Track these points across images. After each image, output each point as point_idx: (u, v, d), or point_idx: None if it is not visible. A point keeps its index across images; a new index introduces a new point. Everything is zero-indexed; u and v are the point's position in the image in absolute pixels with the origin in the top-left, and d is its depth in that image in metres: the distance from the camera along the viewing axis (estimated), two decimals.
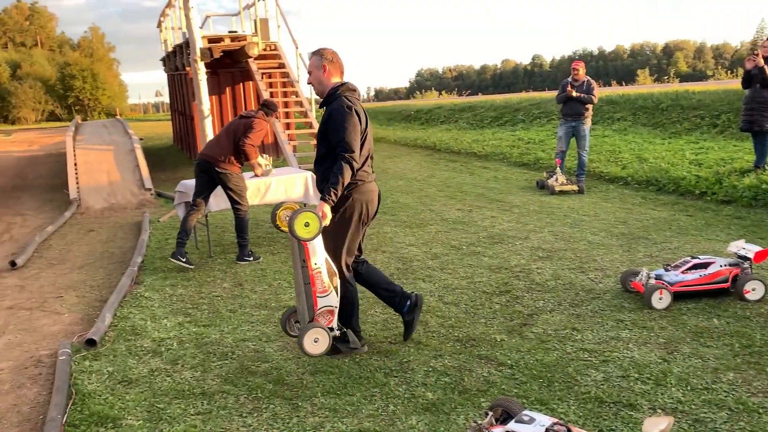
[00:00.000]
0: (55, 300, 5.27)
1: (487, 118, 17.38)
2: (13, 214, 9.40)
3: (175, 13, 14.71)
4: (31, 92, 58.47)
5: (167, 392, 3.43)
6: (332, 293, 3.65)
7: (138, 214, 8.96)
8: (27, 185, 12.19)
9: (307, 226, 3.47)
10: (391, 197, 9.09)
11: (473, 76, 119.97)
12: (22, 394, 3.52)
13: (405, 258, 5.89)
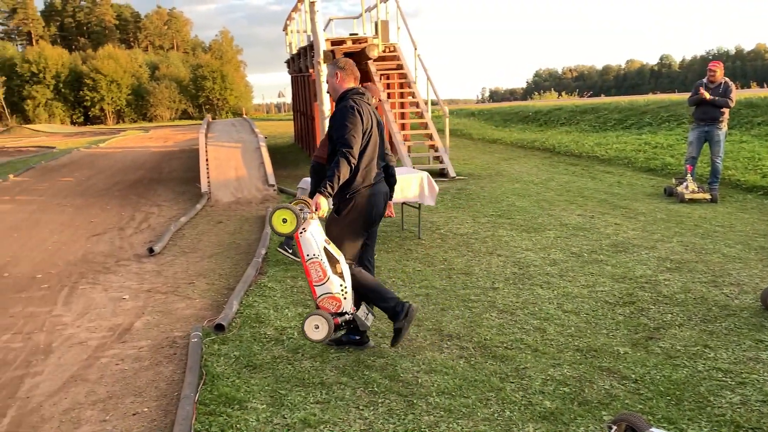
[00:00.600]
0: (187, 286, 5.65)
1: (610, 121, 16.64)
2: (151, 205, 10.17)
3: (300, 17, 15.30)
4: (167, 92, 63.09)
5: (288, 379, 3.57)
6: (330, 281, 3.64)
7: (262, 209, 9.40)
8: (163, 178, 13.15)
9: (284, 222, 3.55)
10: (506, 200, 8.94)
11: (595, 77, 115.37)
12: (159, 371, 3.80)
13: (521, 263, 5.77)
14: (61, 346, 4.28)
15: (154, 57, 73.02)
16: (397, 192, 6.63)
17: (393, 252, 6.40)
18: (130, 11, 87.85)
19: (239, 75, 74.12)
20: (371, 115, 3.84)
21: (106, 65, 61.79)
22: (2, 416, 3.32)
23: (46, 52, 62.39)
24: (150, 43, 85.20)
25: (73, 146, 21.75)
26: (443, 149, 11.90)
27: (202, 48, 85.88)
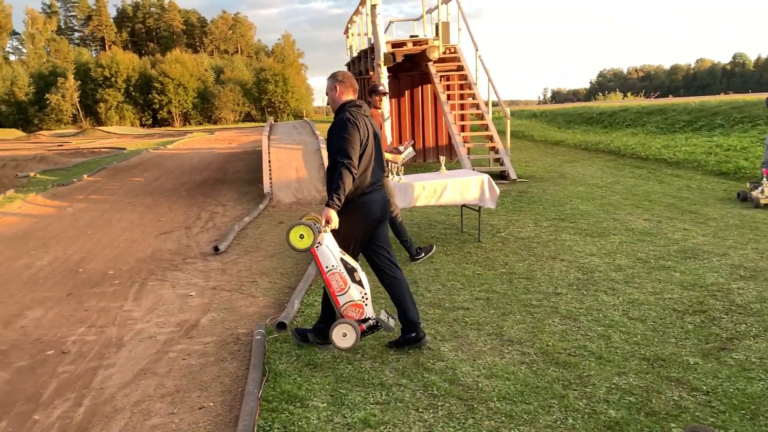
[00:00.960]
0: (250, 284, 5.78)
1: (679, 122, 16.06)
2: (216, 204, 10.46)
3: (361, 20, 15.42)
4: (231, 95, 64.75)
5: (349, 379, 3.61)
6: (351, 289, 3.79)
7: (321, 210, 9.52)
8: (227, 179, 13.51)
9: (301, 238, 3.67)
10: (569, 203, 8.75)
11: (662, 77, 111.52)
12: (224, 367, 3.91)
13: (585, 268, 5.64)
14: (131, 340, 4.46)
15: (219, 61, 75.07)
16: (457, 194, 6.61)
17: (452, 255, 6.37)
18: (196, 16, 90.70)
19: (300, 78, 75.33)
20: (367, 127, 3.93)
21: (173, 69, 63.96)
22: (78, 405, 3.48)
23: (117, 57, 65.12)
24: (215, 47, 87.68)
25: (143, 147, 22.60)
26: (504, 151, 11.77)
27: (265, 52, 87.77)
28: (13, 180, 14.41)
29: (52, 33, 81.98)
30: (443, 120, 13.64)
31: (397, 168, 6.72)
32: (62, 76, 62.40)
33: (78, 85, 62.72)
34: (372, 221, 4.01)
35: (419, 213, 8.64)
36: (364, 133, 3.88)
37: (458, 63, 13.09)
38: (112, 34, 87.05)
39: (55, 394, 3.65)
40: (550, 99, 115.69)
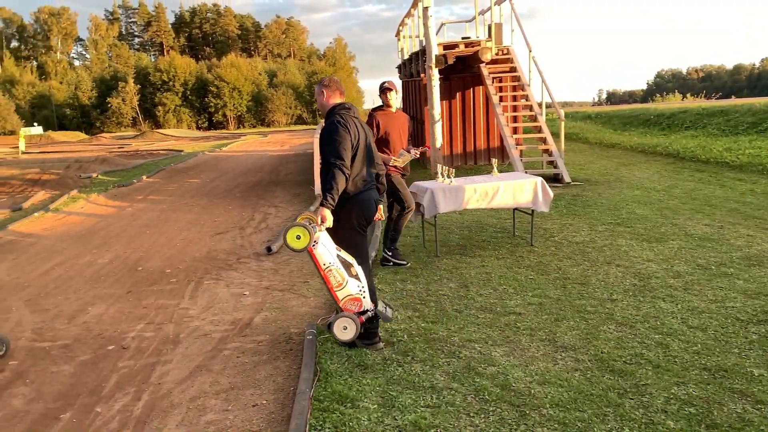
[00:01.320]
0: (302, 284, 5.86)
1: (742, 124, 15.44)
2: (269, 206, 10.64)
3: (413, 23, 15.43)
4: (283, 98, 65.86)
5: (399, 381, 3.61)
6: (348, 284, 3.95)
7: None
8: (280, 180, 13.74)
9: (298, 238, 3.77)
10: (625, 208, 8.53)
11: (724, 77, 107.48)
12: (277, 366, 3.97)
13: (642, 274, 5.48)
14: (188, 337, 4.58)
15: (273, 65, 76.43)
16: (509, 197, 6.53)
17: (504, 259, 6.30)
18: (251, 21, 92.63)
19: (351, 81, 75.94)
20: (357, 128, 4.09)
21: (228, 73, 65.48)
22: (137, 399, 3.59)
23: (175, 62, 67.10)
24: (269, 51, 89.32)
25: (199, 150, 23.20)
26: (558, 153, 11.57)
27: (317, 55, 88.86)
28: (77, 180, 15.01)
29: (114, 39, 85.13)
30: (495, 122, 13.51)
31: (448, 171, 6.70)
32: (123, 81, 64.72)
33: (137, 89, 64.92)
34: (368, 217, 4.21)
35: (470, 216, 8.58)
36: (354, 135, 4.04)
37: (511, 64, 12.94)
38: (170, 39, 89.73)
39: (116, 387, 3.78)
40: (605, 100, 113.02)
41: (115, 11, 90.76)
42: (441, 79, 12.52)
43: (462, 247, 6.89)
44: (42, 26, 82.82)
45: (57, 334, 4.81)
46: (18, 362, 4.26)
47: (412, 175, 12.79)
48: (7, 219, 10.24)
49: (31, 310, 5.44)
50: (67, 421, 3.39)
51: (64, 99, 66.83)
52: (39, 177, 15.30)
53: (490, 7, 12.60)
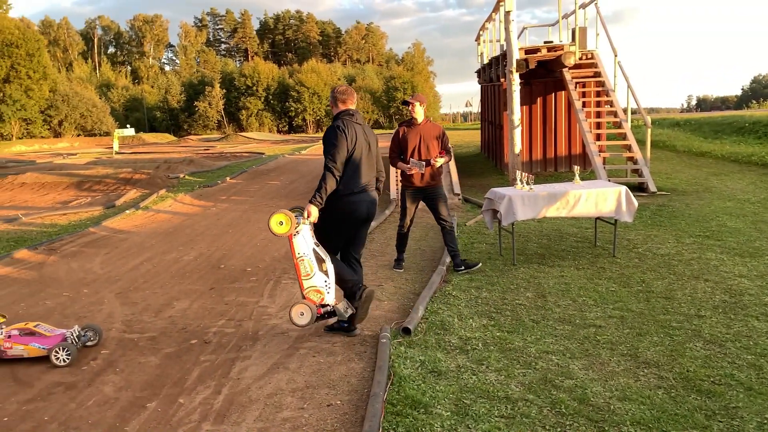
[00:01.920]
0: (376, 288, 5.88)
1: None
2: None
3: (494, 27, 15.28)
4: (361, 103, 66.57)
5: (473, 390, 3.57)
6: (315, 276, 4.27)
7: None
8: None
9: (281, 224, 4.13)
10: (716, 220, 8.11)
11: None
12: (351, 367, 4.01)
13: (733, 290, 5.19)
14: (266, 335, 4.70)
15: (352, 70, 77.55)
16: (591, 206, 6.35)
17: (584, 269, 6.12)
18: (332, 27, 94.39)
19: (429, 85, 75.95)
20: (356, 133, 4.43)
21: (309, 78, 66.94)
22: (218, 393, 3.72)
23: (259, 67, 69.24)
24: (348, 56, 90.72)
25: (279, 153, 23.84)
26: (643, 162, 11.14)
27: (395, 60, 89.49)
28: (166, 180, 15.74)
29: (202, 45, 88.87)
30: (577, 128, 13.16)
31: (527, 177, 6.58)
32: (209, 85, 67.37)
33: (223, 94, 67.43)
34: (357, 219, 4.54)
35: (549, 224, 8.39)
36: (352, 139, 4.39)
37: (595, 69, 12.57)
38: (254, 45, 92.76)
39: (198, 380, 3.92)
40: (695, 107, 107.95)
41: (204, 18, 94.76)
42: (522, 83, 12.32)
43: (540, 256, 6.75)
44: (136, 33, 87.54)
45: (144, 326, 5.05)
46: (109, 351, 4.50)
47: (489, 181, 12.67)
48: (101, 216, 10.86)
49: (121, 302, 5.75)
50: (153, 410, 3.55)
51: (154, 102, 70.28)
52: (131, 176, 16.15)
53: (574, 10, 12.28)
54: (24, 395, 3.83)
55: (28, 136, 54.17)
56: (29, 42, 54.03)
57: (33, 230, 9.74)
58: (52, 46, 74.67)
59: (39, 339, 4.34)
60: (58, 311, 5.55)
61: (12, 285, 6.51)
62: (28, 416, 3.54)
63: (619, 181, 10.63)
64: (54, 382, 3.99)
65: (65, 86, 59.02)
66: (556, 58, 12.09)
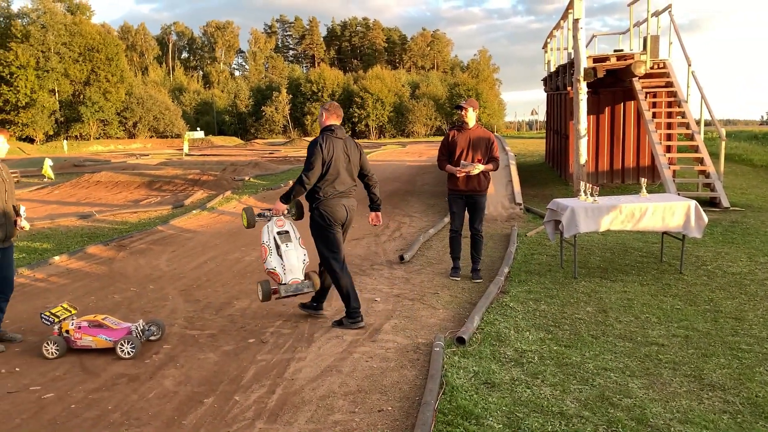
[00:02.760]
0: (432, 295, 5.88)
1: None
2: (404, 215, 10.80)
3: (561, 34, 15.01)
4: (424, 110, 66.74)
5: (526, 403, 3.50)
6: (271, 259, 4.95)
7: (507, 227, 9.40)
8: (416, 190, 13.90)
9: (243, 219, 5.19)
10: None
11: None
12: (404, 374, 4.01)
13: None
14: (321, 338, 4.75)
15: (416, 76, 77.75)
16: (658, 220, 6.14)
17: (648, 285, 5.91)
18: (398, 34, 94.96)
19: (493, 93, 75.32)
20: (334, 148, 4.89)
21: (373, 85, 67.54)
22: (272, 392, 3.79)
23: (325, 73, 70.39)
24: (413, 63, 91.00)
25: None
26: (716, 175, 10.68)
27: (460, 67, 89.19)
28: (231, 182, 16.19)
29: (271, 51, 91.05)
30: (646, 139, 12.76)
31: (592, 189, 6.43)
32: (276, 91, 68.98)
33: (289, 99, 68.86)
34: (336, 221, 4.98)
35: (614, 238, 8.15)
36: (328, 153, 4.86)
37: (667, 79, 12.15)
38: (321, 51, 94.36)
39: (254, 379, 4.01)
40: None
41: (273, 25, 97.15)
42: (589, 92, 12.05)
43: (603, 269, 6.57)
44: (209, 39, 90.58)
45: (205, 323, 5.20)
46: (171, 347, 4.66)
47: (552, 191, 12.42)
48: (170, 215, 11.26)
49: (184, 299, 5.94)
50: (209, 405, 3.65)
51: (224, 106, 72.50)
52: (199, 177, 16.69)
53: (647, 18, 11.92)
54: (91, 384, 4.01)
55: (104, 136, 56.91)
56: (109, 47, 56.81)
57: (105, 227, 10.20)
58: (130, 51, 78.16)
59: (106, 331, 4.53)
60: (125, 305, 5.79)
61: (84, 278, 6.83)
62: (94, 404, 3.70)
63: (689, 195, 10.23)
64: (118, 374, 4.16)
65: (140, 89, 61.70)
66: (625, 67, 11.76)
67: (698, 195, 10.71)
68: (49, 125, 54.09)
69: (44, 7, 55.03)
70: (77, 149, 47.89)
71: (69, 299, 5.87)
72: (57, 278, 6.82)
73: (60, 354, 4.47)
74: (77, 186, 16.38)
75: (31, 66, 51.22)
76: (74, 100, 55.77)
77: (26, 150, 45.97)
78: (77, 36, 54.62)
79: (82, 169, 23.36)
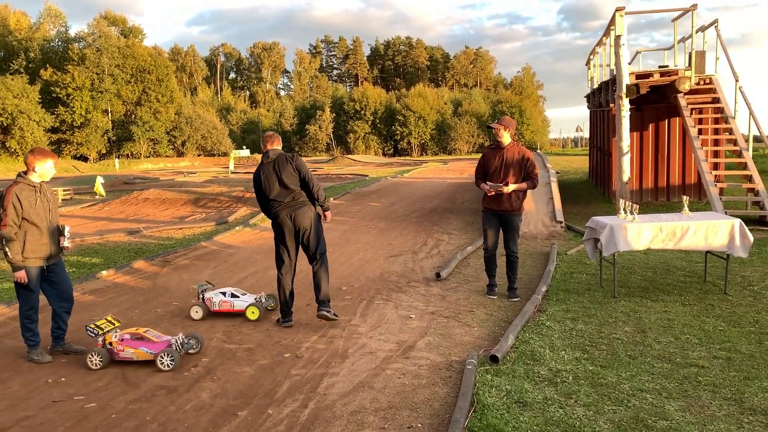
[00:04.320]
0: (467, 313, 5.86)
1: None
2: (442, 232, 10.80)
3: (604, 51, 14.85)
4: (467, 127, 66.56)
5: (558, 423, 3.46)
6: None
7: (547, 245, 9.30)
8: (455, 208, 13.88)
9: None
10: None
11: None
12: (435, 391, 4.01)
13: None
14: (355, 353, 4.80)
15: (458, 94, 77.71)
16: (700, 239, 6.00)
17: (690, 305, 5.77)
18: (440, 53, 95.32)
19: (537, 110, 74.67)
20: (264, 170, 5.67)
21: (415, 103, 67.80)
22: (304, 407, 3.84)
23: (367, 92, 71.04)
24: (456, 81, 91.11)
25: (382, 175, 24.25)
26: (766, 193, 10.35)
27: (503, 84, 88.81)
28: None
29: (315, 71, 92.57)
30: (692, 156, 12.47)
31: (632, 207, 6.33)
32: (320, 109, 69.95)
33: (332, 117, 69.75)
34: (283, 229, 5.66)
35: (656, 256, 7.98)
36: (261, 177, 5.66)
37: (714, 95, 11.88)
38: (364, 71, 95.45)
39: (287, 393, 4.07)
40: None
41: (318, 45, 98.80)
42: (632, 109, 11.87)
43: (643, 289, 6.44)
44: (255, 59, 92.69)
45: (243, 338, 5.31)
46: (209, 360, 4.77)
47: (595, 209, 12.23)
48: (213, 231, 11.53)
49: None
50: (243, 418, 3.72)
51: (269, 125, 73.78)
52: (243, 194, 17.02)
53: (692, 34, 11.71)
54: (131, 395, 4.14)
55: (154, 154, 58.61)
56: (159, 68, 58.72)
57: (151, 242, 10.51)
58: (179, 72, 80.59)
59: (147, 344, 4.68)
60: (167, 319, 5.96)
61: (129, 292, 7.06)
62: (133, 415, 3.82)
63: (737, 213, 9.95)
64: (157, 385, 4.29)
65: (189, 109, 63.45)
66: (669, 83, 11.55)
67: (746, 213, 10.39)
68: (102, 144, 56.05)
69: (99, 30, 57.35)
70: (128, 167, 49.50)
71: (114, 312, 6.08)
72: (104, 292, 7.07)
73: (103, 365, 4.63)
74: (126, 203, 16.92)
75: (86, 87, 53.29)
76: (126, 120, 57.72)
77: (80, 168, 47.73)
78: (129, 58, 56.65)
79: (131, 186, 24.13)
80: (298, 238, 5.71)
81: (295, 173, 5.63)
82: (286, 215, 5.64)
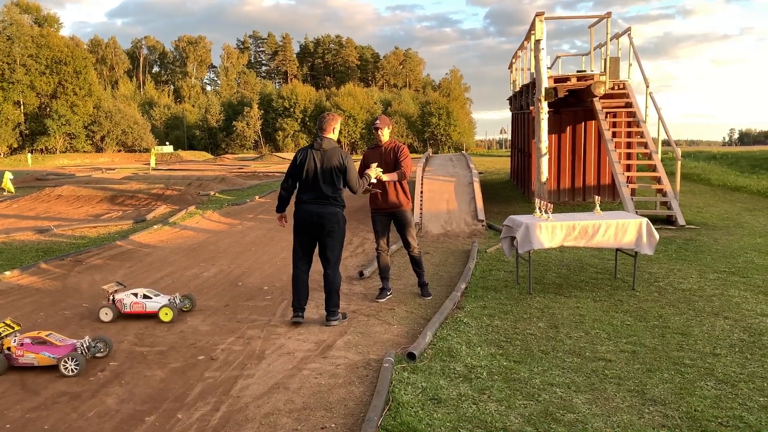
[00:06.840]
0: (388, 311, 5.87)
1: None
2: (368, 231, 10.78)
3: (525, 55, 15.28)
4: (396, 127, 67.00)
5: (471, 419, 3.51)
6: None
7: (468, 243, 9.46)
8: None
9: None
10: (744, 256, 7.89)
11: None
12: (351, 390, 3.99)
13: (753, 329, 5.02)
14: (272, 354, 4.71)
15: (388, 94, 78.26)
16: (610, 237, 6.25)
17: (601, 301, 6.00)
18: (371, 52, 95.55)
19: (464, 112, 76.21)
20: (306, 156, 5.40)
21: (345, 101, 67.81)
22: (216, 410, 3.73)
23: (297, 90, 70.45)
24: (386, 81, 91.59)
25: None
26: (672, 194, 10.93)
27: (431, 86, 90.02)
28: (196, 197, 16.02)
29: (243, 66, 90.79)
30: (607, 158, 13.01)
31: (546, 206, 6.52)
32: (248, 106, 68.73)
33: (261, 114, 68.67)
34: (298, 225, 5.52)
35: (571, 254, 8.27)
36: (300, 160, 5.41)
37: (627, 99, 12.45)
38: (294, 68, 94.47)
39: (199, 396, 3.95)
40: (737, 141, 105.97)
41: (246, 41, 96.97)
42: (551, 112, 12.27)
43: (558, 285, 6.65)
44: (180, 53, 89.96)
45: (156, 340, 5.12)
46: (117, 363, 4.57)
47: (515, 209, 12.56)
48: (130, 230, 11.09)
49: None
50: (150, 423, 3.58)
51: (194, 121, 71.90)
52: (163, 192, 16.48)
53: (606, 41, 12.22)
54: (29, 403, 3.90)
55: (71, 150, 55.92)
56: (77, 60, 56.07)
57: (63, 241, 10.00)
58: (100, 65, 77.22)
59: (50, 348, 4.43)
60: (75, 322, 5.67)
61: (35, 294, 6.68)
62: (30, 424, 3.60)
63: (647, 213, 10.46)
64: (60, 392, 4.06)
65: (109, 103, 60.89)
66: (586, 88, 12.02)
67: (655, 213, 10.94)
68: (12, 138, 53.04)
69: (11, 18, 54.19)
70: (42, 163, 46.94)
71: (15, 315, 5.73)
72: (6, 294, 6.65)
73: (0, 372, 4.35)
74: (37, 200, 16.05)
75: None
76: (40, 113, 54.84)
77: None
78: (44, 48, 53.84)
79: (44, 182, 22.91)
80: (318, 237, 5.51)
81: (339, 176, 5.40)
82: (312, 211, 5.42)
